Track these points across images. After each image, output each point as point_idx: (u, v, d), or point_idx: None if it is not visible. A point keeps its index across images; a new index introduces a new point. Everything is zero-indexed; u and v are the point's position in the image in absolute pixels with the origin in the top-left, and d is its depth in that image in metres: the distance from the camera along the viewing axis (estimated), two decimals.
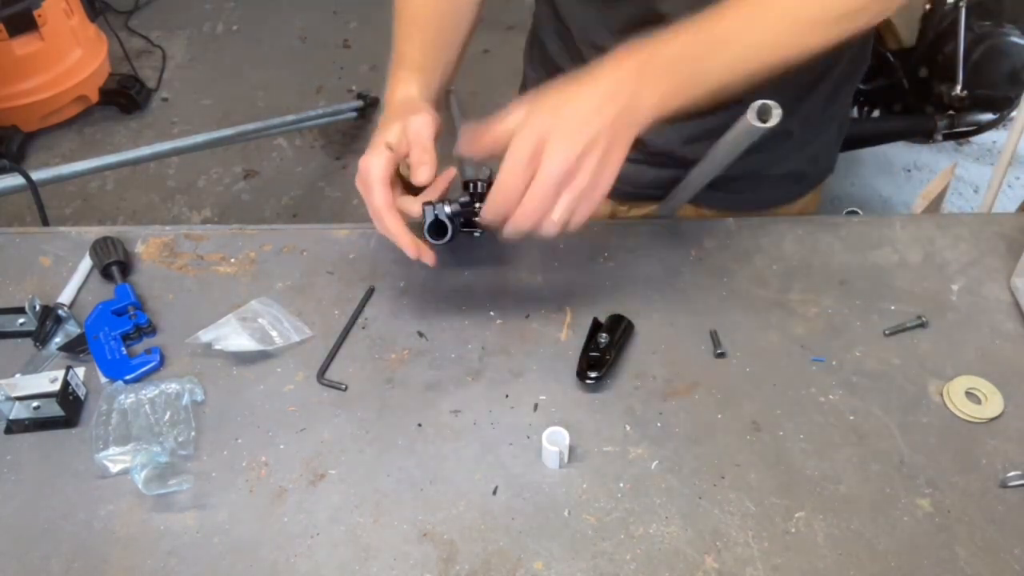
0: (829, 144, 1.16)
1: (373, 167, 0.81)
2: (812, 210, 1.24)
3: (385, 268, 1.08)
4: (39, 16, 2.59)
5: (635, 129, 0.75)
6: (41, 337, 0.98)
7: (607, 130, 0.73)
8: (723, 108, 0.82)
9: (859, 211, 1.32)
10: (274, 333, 0.98)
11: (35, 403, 0.90)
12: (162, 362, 0.97)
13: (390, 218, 0.83)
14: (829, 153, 1.18)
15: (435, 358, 0.98)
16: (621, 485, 0.86)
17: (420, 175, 0.83)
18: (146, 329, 1.00)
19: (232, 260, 1.09)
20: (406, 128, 0.84)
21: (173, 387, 0.93)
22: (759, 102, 0.80)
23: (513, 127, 0.74)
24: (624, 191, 1.09)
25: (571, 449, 0.87)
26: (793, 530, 0.82)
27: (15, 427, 0.91)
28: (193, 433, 0.89)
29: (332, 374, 0.96)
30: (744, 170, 1.01)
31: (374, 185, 0.81)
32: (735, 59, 0.78)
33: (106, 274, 1.05)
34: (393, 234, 0.84)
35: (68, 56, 2.75)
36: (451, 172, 0.87)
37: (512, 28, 3.04)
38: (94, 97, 2.85)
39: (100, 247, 1.06)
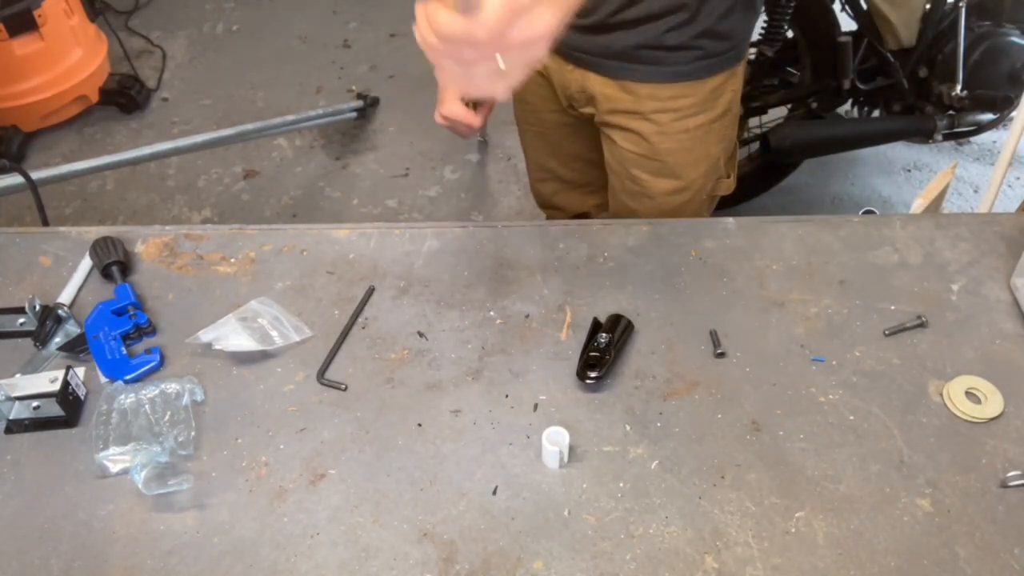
0: (733, 25, 1.17)
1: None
2: (728, 97, 1.25)
3: (385, 268, 1.08)
4: (39, 16, 2.58)
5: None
6: (41, 337, 0.98)
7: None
8: None
9: (875, 210, 1.32)
10: (274, 333, 0.98)
11: (35, 403, 0.90)
12: (162, 362, 0.97)
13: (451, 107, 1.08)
14: (733, 34, 1.18)
15: (435, 358, 0.98)
16: (621, 485, 0.86)
17: None
18: (146, 329, 1.00)
19: (232, 260, 1.09)
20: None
21: (173, 387, 0.93)
22: None
23: None
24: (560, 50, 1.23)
25: (571, 449, 0.87)
26: (793, 530, 0.82)
27: (15, 427, 0.91)
28: (193, 433, 0.89)
29: (332, 374, 0.96)
30: (644, 39, 1.14)
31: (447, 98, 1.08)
32: None
33: (106, 274, 1.05)
34: (455, 114, 1.07)
35: (68, 56, 2.75)
36: None
37: None
38: (94, 97, 2.85)
39: (100, 247, 1.06)
